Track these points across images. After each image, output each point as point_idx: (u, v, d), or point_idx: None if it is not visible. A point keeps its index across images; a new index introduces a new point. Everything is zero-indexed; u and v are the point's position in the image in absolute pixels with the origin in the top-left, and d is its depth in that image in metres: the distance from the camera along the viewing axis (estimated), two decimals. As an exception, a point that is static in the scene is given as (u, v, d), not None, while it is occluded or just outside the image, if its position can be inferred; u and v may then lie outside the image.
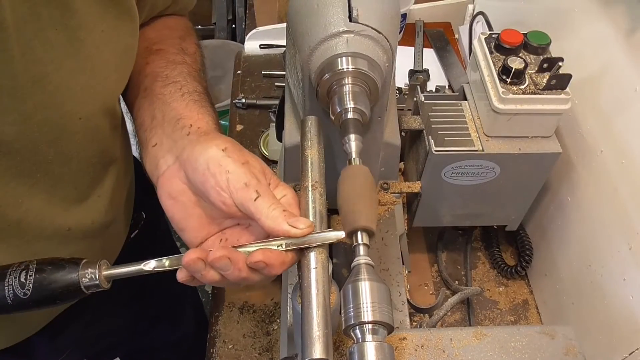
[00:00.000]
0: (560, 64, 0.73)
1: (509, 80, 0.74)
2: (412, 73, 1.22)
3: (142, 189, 0.86)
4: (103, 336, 0.94)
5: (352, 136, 0.53)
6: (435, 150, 0.76)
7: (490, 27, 1.07)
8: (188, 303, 1.19)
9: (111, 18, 0.56)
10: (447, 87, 1.19)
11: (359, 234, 0.48)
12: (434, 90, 1.10)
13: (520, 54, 0.77)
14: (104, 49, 0.56)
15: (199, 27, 2.53)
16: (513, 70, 0.73)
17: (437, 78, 1.23)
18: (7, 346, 0.73)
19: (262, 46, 1.35)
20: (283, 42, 0.83)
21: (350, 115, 0.53)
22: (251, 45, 1.35)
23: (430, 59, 1.28)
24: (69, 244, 0.65)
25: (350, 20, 0.54)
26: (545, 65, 0.74)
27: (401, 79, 1.20)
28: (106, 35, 0.56)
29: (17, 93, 0.50)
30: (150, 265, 0.50)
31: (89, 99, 0.57)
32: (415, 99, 0.86)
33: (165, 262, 0.50)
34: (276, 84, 1.28)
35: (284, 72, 0.75)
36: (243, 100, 1.23)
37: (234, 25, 2.51)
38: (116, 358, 1.17)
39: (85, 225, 0.66)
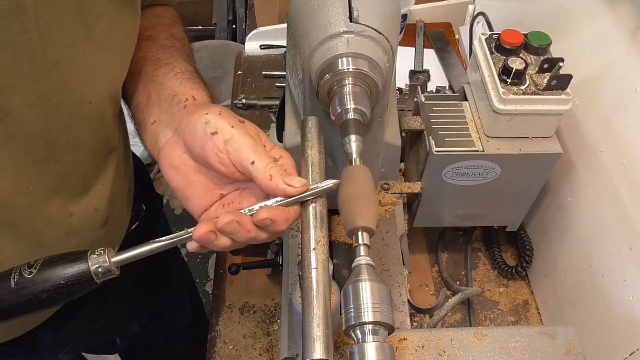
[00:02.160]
0: (560, 64, 0.73)
1: (509, 80, 0.74)
2: (412, 73, 1.22)
3: (141, 184, 0.88)
4: (104, 330, 0.95)
5: (353, 137, 0.53)
6: (436, 151, 0.76)
7: (490, 28, 1.07)
8: (187, 298, 1.19)
9: (117, 6, 0.58)
10: (447, 87, 1.19)
11: (359, 234, 0.48)
12: (434, 90, 1.10)
13: (520, 55, 0.77)
14: (111, 35, 0.58)
15: (200, 27, 2.53)
16: (513, 70, 0.73)
17: (437, 78, 1.23)
18: (14, 337, 0.74)
19: (262, 47, 1.35)
20: (283, 43, 0.83)
21: (350, 115, 0.53)
22: (252, 46, 1.36)
23: (430, 60, 1.28)
24: (75, 233, 0.67)
25: (351, 21, 0.54)
26: (545, 66, 0.74)
27: (402, 80, 1.20)
28: (112, 23, 0.58)
29: (36, 75, 0.52)
30: (157, 244, 0.51)
31: (97, 84, 0.59)
32: (415, 99, 0.86)
33: (172, 240, 0.51)
34: (277, 84, 1.28)
35: (285, 73, 0.75)
36: (244, 101, 1.23)
37: (234, 26, 2.51)
38: (115, 354, 1.17)
39: (89, 213, 0.68)
